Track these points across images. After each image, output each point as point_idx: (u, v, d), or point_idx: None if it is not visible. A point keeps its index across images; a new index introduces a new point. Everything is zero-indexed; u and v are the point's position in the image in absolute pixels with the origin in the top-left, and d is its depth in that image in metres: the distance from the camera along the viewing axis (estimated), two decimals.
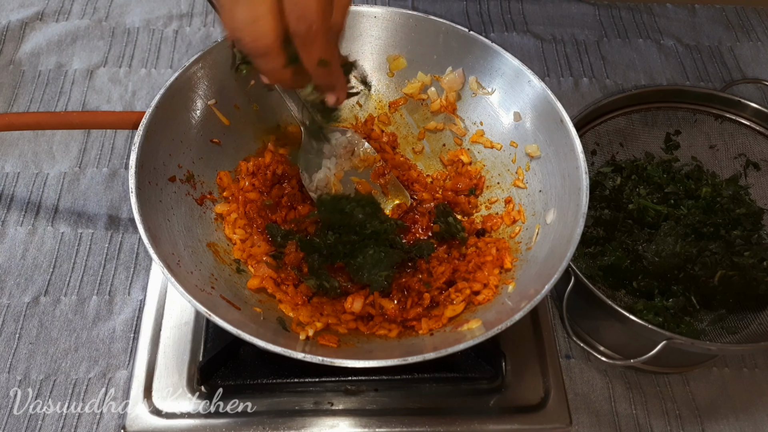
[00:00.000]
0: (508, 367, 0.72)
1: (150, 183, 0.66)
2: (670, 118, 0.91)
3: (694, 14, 1.23)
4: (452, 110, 0.82)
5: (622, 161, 0.91)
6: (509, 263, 0.71)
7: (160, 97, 0.68)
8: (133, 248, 0.89)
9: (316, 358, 0.56)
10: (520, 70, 0.76)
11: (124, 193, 0.94)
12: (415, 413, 0.70)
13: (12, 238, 0.88)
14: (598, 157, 0.91)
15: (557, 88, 1.10)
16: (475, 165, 0.82)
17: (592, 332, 0.82)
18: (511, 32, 1.17)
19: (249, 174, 0.77)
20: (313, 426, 0.69)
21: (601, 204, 0.86)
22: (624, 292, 0.81)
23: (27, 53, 1.08)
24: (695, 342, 0.69)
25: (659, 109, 0.90)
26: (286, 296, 0.69)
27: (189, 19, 1.15)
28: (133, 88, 1.05)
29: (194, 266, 0.65)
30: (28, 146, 0.97)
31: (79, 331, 0.82)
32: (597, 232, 0.84)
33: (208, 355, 0.71)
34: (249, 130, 0.79)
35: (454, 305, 0.68)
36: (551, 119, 0.73)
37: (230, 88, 0.76)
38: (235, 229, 0.73)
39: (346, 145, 0.79)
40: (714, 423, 0.79)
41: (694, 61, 1.16)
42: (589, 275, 0.78)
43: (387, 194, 0.80)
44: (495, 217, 0.78)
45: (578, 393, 0.80)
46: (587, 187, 0.67)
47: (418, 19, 0.79)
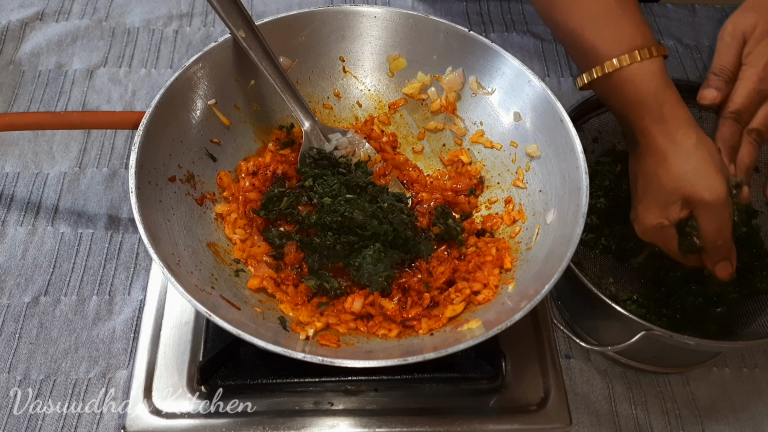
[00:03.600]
0: (508, 367, 0.72)
1: (150, 183, 0.66)
2: None
3: (694, 14, 1.23)
4: (452, 110, 0.82)
5: (622, 151, 0.91)
6: (509, 263, 0.71)
7: (160, 97, 0.68)
8: (133, 248, 0.89)
9: (316, 358, 0.56)
10: (520, 70, 0.76)
11: (124, 193, 0.94)
12: (415, 413, 0.70)
13: (12, 238, 0.88)
14: (599, 145, 0.91)
15: (557, 88, 1.10)
16: (475, 165, 0.82)
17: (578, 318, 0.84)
18: (511, 32, 1.17)
19: (249, 174, 0.77)
20: (313, 426, 0.69)
21: (597, 192, 0.87)
22: (612, 281, 0.82)
23: (27, 53, 1.08)
24: (673, 335, 0.68)
25: None
26: (286, 296, 0.69)
27: (189, 19, 1.15)
28: (133, 88, 1.05)
29: (194, 266, 0.65)
30: (28, 146, 0.97)
31: (79, 331, 0.82)
32: (591, 220, 0.85)
33: (208, 355, 0.71)
34: (249, 130, 0.79)
35: (454, 305, 0.68)
36: (551, 119, 0.73)
37: (230, 88, 0.76)
38: (235, 229, 0.73)
39: (346, 145, 0.79)
40: (714, 423, 0.79)
41: (694, 61, 1.16)
42: (576, 261, 0.79)
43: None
44: (495, 217, 0.78)
45: (578, 393, 0.80)
46: (587, 187, 0.67)
47: (418, 19, 0.79)
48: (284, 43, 0.78)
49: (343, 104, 0.85)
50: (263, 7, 1.18)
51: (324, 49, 0.81)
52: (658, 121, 0.69)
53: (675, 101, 0.69)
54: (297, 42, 0.79)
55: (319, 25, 0.79)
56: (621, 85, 0.70)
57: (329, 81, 0.83)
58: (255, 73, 0.77)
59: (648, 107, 0.69)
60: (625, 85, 0.70)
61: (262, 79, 0.77)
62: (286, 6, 1.18)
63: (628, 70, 0.69)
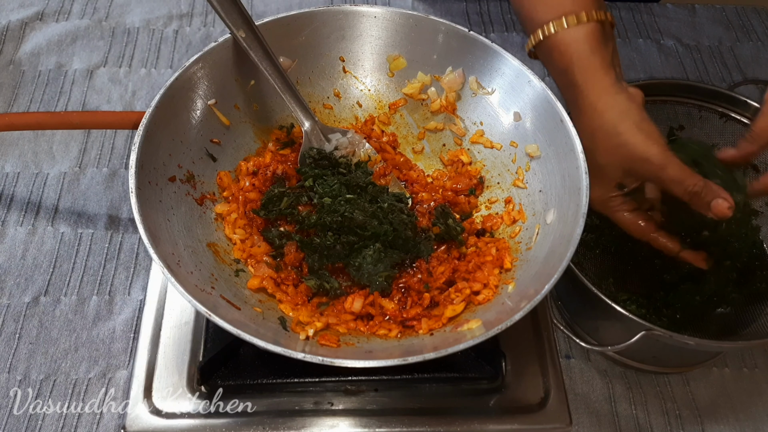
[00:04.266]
0: (508, 367, 0.72)
1: (150, 183, 0.66)
2: (676, 112, 0.91)
3: (694, 14, 1.23)
4: (452, 110, 0.82)
5: None
6: (509, 263, 0.71)
7: (160, 97, 0.68)
8: (133, 248, 0.89)
9: (316, 358, 0.56)
10: (520, 70, 0.76)
11: (124, 193, 0.94)
12: (415, 413, 0.70)
13: (12, 238, 0.88)
14: None
15: (557, 88, 1.10)
16: (475, 165, 0.82)
17: (577, 318, 0.83)
18: (511, 32, 1.17)
19: (249, 174, 0.77)
20: (313, 426, 0.69)
21: None
22: (612, 281, 0.82)
23: (27, 53, 1.08)
24: (673, 335, 0.68)
25: (665, 103, 0.90)
26: (286, 296, 0.69)
27: (189, 19, 1.15)
28: (133, 88, 1.05)
29: (194, 266, 0.65)
30: (28, 146, 0.97)
31: (79, 331, 0.82)
32: (591, 220, 0.85)
33: (208, 355, 0.71)
34: (249, 130, 0.79)
35: (454, 305, 0.68)
36: (551, 119, 0.73)
37: (230, 88, 0.76)
38: (235, 229, 0.73)
39: (346, 145, 0.79)
40: (714, 423, 0.79)
41: (694, 61, 1.16)
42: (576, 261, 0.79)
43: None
44: (495, 217, 0.78)
45: (578, 393, 0.80)
46: (587, 187, 0.67)
47: (418, 19, 0.79)
48: (284, 43, 0.78)
49: (343, 104, 0.85)
50: (263, 7, 1.18)
51: (324, 49, 0.81)
52: (582, 90, 0.67)
53: (599, 67, 0.67)
54: (297, 42, 0.79)
55: (319, 25, 0.79)
56: (550, 53, 0.69)
57: (329, 81, 0.83)
58: (255, 73, 0.77)
59: (572, 75, 0.68)
60: (554, 53, 0.69)
61: (262, 79, 0.77)
62: (286, 6, 1.18)
63: (556, 37, 0.68)
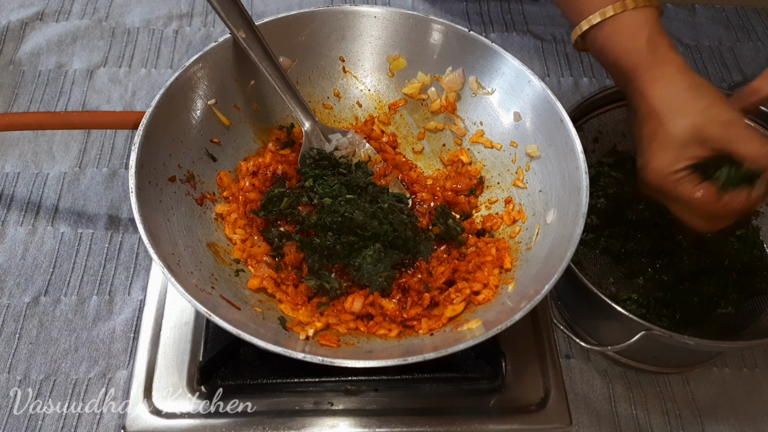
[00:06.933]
0: (508, 367, 0.72)
1: (150, 183, 0.66)
2: None
3: (694, 14, 1.23)
4: (452, 110, 0.82)
5: (623, 151, 0.91)
6: (509, 263, 0.71)
7: (160, 97, 0.68)
8: (133, 248, 0.89)
9: (316, 358, 0.56)
10: (520, 70, 0.76)
11: (124, 193, 0.94)
12: (415, 413, 0.70)
13: (12, 238, 0.88)
14: (599, 145, 0.91)
15: (557, 88, 1.10)
16: (475, 165, 0.82)
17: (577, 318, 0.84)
18: (511, 32, 1.17)
19: (249, 174, 0.77)
20: (313, 426, 0.69)
21: (598, 193, 0.87)
22: (612, 281, 0.82)
23: (27, 53, 1.08)
24: (673, 335, 0.68)
25: None
26: (286, 296, 0.69)
27: (189, 19, 1.15)
28: (133, 88, 1.05)
29: (194, 266, 0.65)
30: (28, 146, 0.97)
31: (79, 331, 0.82)
32: (591, 220, 0.85)
33: (208, 355, 0.71)
34: (249, 130, 0.79)
35: (454, 305, 0.68)
36: (551, 119, 0.73)
37: (230, 88, 0.76)
38: (235, 229, 0.73)
39: (347, 145, 0.79)
40: (714, 423, 0.79)
41: (694, 61, 1.16)
42: (576, 261, 0.79)
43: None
44: (495, 217, 0.78)
45: (578, 393, 0.80)
46: (587, 187, 0.67)
47: (418, 19, 0.79)
48: (284, 43, 0.78)
49: (343, 104, 0.85)
50: (263, 7, 1.18)
51: (324, 49, 0.81)
52: (654, 64, 0.68)
53: (669, 46, 0.69)
54: (297, 42, 0.79)
55: (319, 25, 0.79)
56: (614, 35, 0.70)
57: (329, 81, 0.83)
58: (255, 73, 0.77)
59: (641, 53, 0.69)
60: (619, 34, 0.70)
61: (262, 79, 0.77)
62: (286, 6, 1.18)
63: (621, 17, 0.70)
